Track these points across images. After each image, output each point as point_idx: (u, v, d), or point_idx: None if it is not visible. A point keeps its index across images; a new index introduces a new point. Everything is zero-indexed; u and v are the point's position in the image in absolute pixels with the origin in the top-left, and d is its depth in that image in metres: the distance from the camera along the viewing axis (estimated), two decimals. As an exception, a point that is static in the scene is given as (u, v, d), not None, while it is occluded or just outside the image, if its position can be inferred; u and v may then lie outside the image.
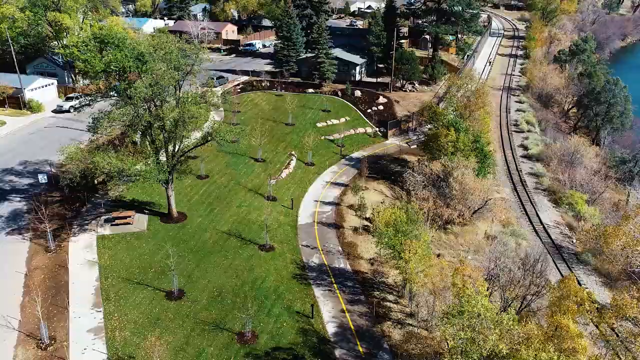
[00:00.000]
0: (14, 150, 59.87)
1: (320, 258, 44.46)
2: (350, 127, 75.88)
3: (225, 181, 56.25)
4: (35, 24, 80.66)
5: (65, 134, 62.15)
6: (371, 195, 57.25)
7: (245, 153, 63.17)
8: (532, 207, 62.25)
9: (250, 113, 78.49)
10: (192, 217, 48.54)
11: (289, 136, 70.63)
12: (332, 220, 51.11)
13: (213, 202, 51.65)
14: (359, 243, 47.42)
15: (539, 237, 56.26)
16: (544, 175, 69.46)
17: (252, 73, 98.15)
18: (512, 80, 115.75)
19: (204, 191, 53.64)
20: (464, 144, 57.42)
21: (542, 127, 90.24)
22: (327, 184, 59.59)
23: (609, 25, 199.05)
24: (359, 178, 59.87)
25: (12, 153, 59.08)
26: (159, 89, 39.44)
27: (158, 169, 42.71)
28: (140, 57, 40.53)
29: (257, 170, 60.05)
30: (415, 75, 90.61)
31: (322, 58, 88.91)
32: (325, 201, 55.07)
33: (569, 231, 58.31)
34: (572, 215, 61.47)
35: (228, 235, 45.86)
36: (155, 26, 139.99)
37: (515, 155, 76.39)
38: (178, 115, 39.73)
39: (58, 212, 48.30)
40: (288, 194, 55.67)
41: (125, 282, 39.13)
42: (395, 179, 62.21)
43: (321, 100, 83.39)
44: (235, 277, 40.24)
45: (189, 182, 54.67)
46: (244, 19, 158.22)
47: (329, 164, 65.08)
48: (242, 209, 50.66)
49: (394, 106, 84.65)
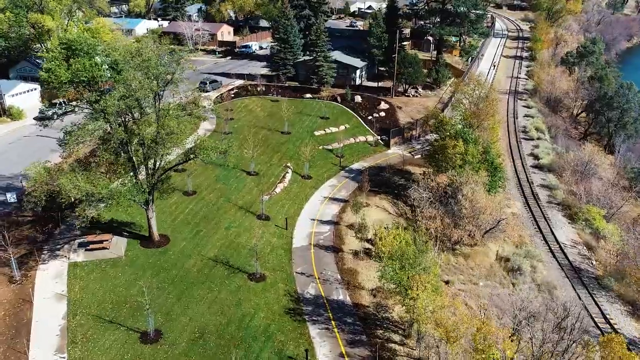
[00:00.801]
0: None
1: (317, 288, 39.91)
2: (350, 136, 71.34)
3: (214, 198, 51.70)
4: (16, 25, 76.23)
5: (47, 145, 57.31)
6: (373, 212, 52.70)
7: (237, 165, 58.59)
8: (546, 223, 57.69)
9: (244, 120, 73.95)
10: (175, 240, 43.97)
11: (284, 146, 66.06)
12: (331, 243, 46.57)
13: (200, 222, 47.08)
14: (360, 270, 42.87)
15: (555, 258, 51.71)
16: (557, 188, 64.91)
17: (247, 77, 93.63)
18: (519, 83, 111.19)
19: (190, 210, 49.09)
20: (473, 156, 52.94)
21: (552, 134, 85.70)
22: (325, 199, 55.05)
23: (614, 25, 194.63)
24: (360, 193, 55.34)
25: (-16, 166, 54.64)
26: (133, 101, 34.83)
27: (136, 189, 38.18)
28: (114, 66, 35.97)
29: (249, 184, 55.50)
30: (419, 79, 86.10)
31: (321, 61, 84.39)
32: (323, 220, 50.53)
33: (588, 251, 53.76)
34: (589, 233, 56.93)
35: (214, 263, 41.28)
36: (149, 27, 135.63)
37: (525, 165, 71.83)
38: (154, 132, 35.14)
39: (28, 235, 43.77)
40: (282, 211, 51.13)
41: (96, 320, 34.57)
42: (399, 193, 57.67)
43: (319, 106, 78.87)
44: (221, 314, 35.66)
45: (174, 199, 50.14)
46: (241, 19, 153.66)
47: (327, 176, 60.53)
48: (231, 231, 46.08)
49: (397, 112, 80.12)
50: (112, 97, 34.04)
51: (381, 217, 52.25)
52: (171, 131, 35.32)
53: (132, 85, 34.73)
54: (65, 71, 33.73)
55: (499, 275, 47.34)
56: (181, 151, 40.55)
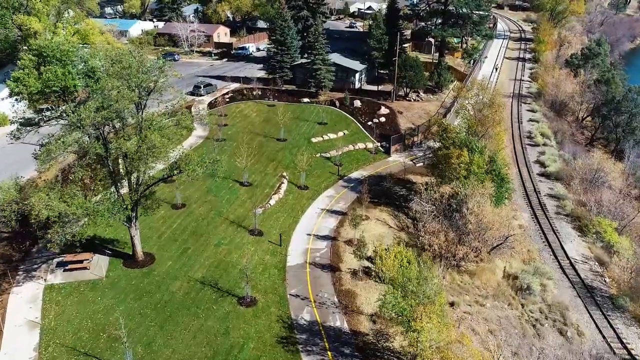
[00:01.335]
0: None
1: (312, 313, 36.97)
2: (348, 143, 68.39)
3: (204, 211, 48.75)
4: (2, 27, 73.26)
5: (30, 153, 54.60)
6: (372, 226, 49.77)
7: (229, 176, 55.69)
8: (555, 236, 54.78)
9: (239, 126, 71.00)
10: (161, 259, 41.01)
11: (280, 154, 63.11)
12: (327, 261, 43.61)
13: (188, 239, 44.12)
14: (359, 291, 39.92)
15: (566, 275, 48.77)
16: (566, 198, 61.98)
17: (243, 80, 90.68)
18: (522, 86, 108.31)
19: (178, 225, 46.13)
20: (479, 166, 50.02)
21: (558, 140, 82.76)
22: (323, 211, 52.10)
23: (617, 26, 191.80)
24: (359, 205, 52.38)
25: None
26: (111, 113, 31.85)
27: (116, 206, 35.24)
28: (91, 74, 33.01)
29: (242, 196, 52.54)
30: (420, 83, 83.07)
31: (319, 64, 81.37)
32: (320, 235, 47.58)
33: (600, 267, 50.83)
34: (601, 247, 54.00)
35: (202, 285, 38.31)
36: (144, 28, 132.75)
37: (531, 173, 68.91)
38: (135, 146, 32.17)
39: (3, 254, 40.89)
40: (277, 225, 48.19)
41: (70, 352, 31.64)
42: (400, 205, 54.75)
43: (317, 112, 75.89)
44: (206, 345, 32.70)
45: (161, 213, 47.18)
46: (239, 20, 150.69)
47: (324, 186, 57.60)
48: (221, 249, 43.11)
49: (397, 117, 77.17)
50: (88, 109, 31.06)
51: (381, 231, 49.32)
52: (152, 145, 32.32)
53: (111, 95, 31.75)
54: (36, 80, 30.80)
55: (507, 295, 44.41)
56: (166, 165, 37.57)
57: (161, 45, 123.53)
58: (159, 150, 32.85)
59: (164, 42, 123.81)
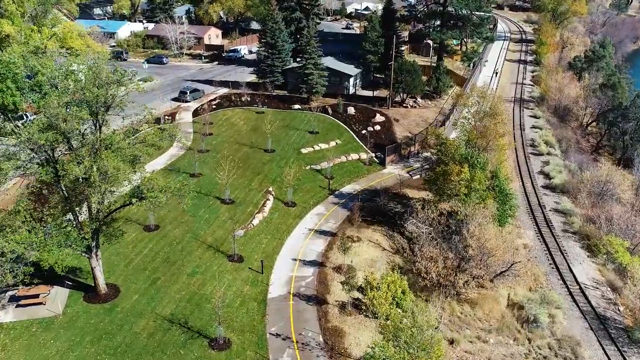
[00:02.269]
0: None
1: (294, 356, 32.77)
2: (341, 153, 64.17)
3: (179, 234, 44.49)
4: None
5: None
6: (364, 249, 45.55)
7: (210, 192, 51.53)
8: (562, 257, 50.57)
9: (225, 135, 66.79)
10: (126, 292, 36.77)
11: (267, 166, 58.90)
12: (313, 291, 39.39)
13: (159, 267, 39.86)
14: (347, 329, 35.70)
15: (576, 303, 44.51)
16: (573, 214, 57.78)
17: (232, 85, 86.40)
18: (524, 90, 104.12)
19: (149, 250, 41.87)
20: (481, 183, 45.82)
21: (562, 148, 78.57)
22: (310, 232, 47.91)
23: (619, 27, 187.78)
24: (350, 225, 48.19)
25: None
26: (57, 135, 27.60)
27: (72, 237, 31.04)
28: (37, 88, 28.78)
29: (222, 215, 48.29)
30: (418, 88, 78.83)
31: (310, 69, 77.05)
32: (306, 260, 43.36)
33: (612, 293, 46.65)
34: (613, 269, 49.82)
35: (170, 324, 34.08)
36: (133, 30, 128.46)
37: (535, 185, 64.68)
38: (84, 172, 27.93)
39: (-49, 286, 36.58)
40: (259, 249, 43.98)
41: (10, 411, 27.48)
42: (395, 223, 50.54)
43: (308, 119, 71.64)
44: (169, 401, 28.56)
45: (132, 236, 43.01)
46: (232, 21, 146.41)
47: (313, 202, 53.40)
48: (196, 279, 38.87)
49: (393, 126, 72.93)
50: (30, 129, 26.84)
51: (374, 255, 45.11)
52: (105, 171, 28.07)
53: (59, 114, 27.49)
54: (-31, 97, 26.62)
55: (512, 329, 40.20)
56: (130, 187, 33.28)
57: (150, 48, 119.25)
58: (115, 176, 28.57)
59: (153, 44, 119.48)
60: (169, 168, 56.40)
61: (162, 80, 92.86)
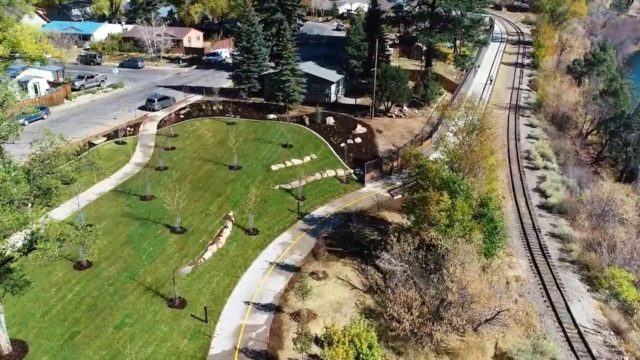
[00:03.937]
0: None
1: None
2: (315, 170, 58.16)
3: (114, 272, 38.42)
4: None
5: None
6: (330, 289, 39.52)
7: (160, 218, 45.52)
8: (559, 293, 44.60)
9: (188, 150, 60.82)
10: (35, 353, 30.67)
11: (229, 186, 52.89)
12: (264, 345, 33.34)
13: (81, 317, 33.79)
14: (298, 398, 29.73)
15: (574, 352, 38.47)
16: (572, 240, 51.77)
17: (206, 91, 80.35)
18: (520, 96, 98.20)
19: (74, 295, 35.79)
20: (464, 213, 39.77)
21: (560, 161, 72.62)
22: (271, 266, 41.88)
23: (620, 28, 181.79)
24: (315, 260, 42.17)
25: None
26: None
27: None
28: None
29: (169, 248, 42.23)
30: (403, 96, 72.83)
31: (287, 75, 71.03)
32: (261, 303, 37.32)
33: (616, 338, 40.63)
34: (616, 307, 43.83)
35: (78, 397, 28.13)
36: (110, 32, 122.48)
37: (530, 205, 58.64)
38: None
39: None
40: (207, 290, 37.94)
41: None
42: (369, 253, 44.51)
43: (282, 131, 65.58)
44: None
45: (59, 275, 37.03)
46: (216, 23, 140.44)
47: (279, 229, 47.31)
48: (123, 332, 32.81)
49: (375, 138, 66.91)
50: None
51: (341, 296, 39.08)
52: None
53: None
54: None
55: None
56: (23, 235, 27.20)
57: (126, 51, 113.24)
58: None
59: (129, 47, 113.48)
60: (119, 189, 50.52)
61: (135, 86, 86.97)
